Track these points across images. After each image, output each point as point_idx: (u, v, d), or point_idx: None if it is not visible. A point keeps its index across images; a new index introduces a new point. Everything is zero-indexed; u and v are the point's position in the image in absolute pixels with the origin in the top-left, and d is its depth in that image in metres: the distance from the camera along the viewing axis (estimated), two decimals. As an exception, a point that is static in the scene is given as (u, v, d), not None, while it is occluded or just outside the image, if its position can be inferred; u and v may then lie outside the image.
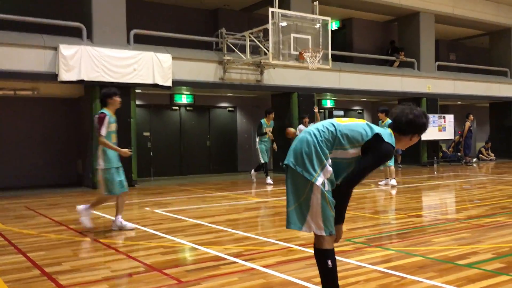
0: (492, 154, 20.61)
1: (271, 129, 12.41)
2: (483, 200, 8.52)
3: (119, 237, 5.86)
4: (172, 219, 7.08)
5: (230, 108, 16.74)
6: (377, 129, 3.02)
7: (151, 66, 12.05)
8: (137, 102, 13.51)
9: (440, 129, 17.97)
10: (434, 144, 18.31)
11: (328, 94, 16.79)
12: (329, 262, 3.02)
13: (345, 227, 6.25)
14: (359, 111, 19.73)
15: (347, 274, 4.02)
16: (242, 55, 13.04)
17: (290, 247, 5.06)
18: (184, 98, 15.40)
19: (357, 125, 3.04)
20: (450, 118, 18.40)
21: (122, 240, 5.65)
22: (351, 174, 3.00)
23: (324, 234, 2.99)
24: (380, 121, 11.32)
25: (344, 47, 18.32)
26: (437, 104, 18.27)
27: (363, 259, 4.50)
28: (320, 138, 2.95)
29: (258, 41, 12.70)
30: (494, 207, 7.67)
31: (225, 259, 4.64)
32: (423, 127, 3.10)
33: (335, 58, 14.88)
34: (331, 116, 20.48)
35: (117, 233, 6.07)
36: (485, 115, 22.00)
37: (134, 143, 12.28)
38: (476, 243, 5.15)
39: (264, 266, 4.32)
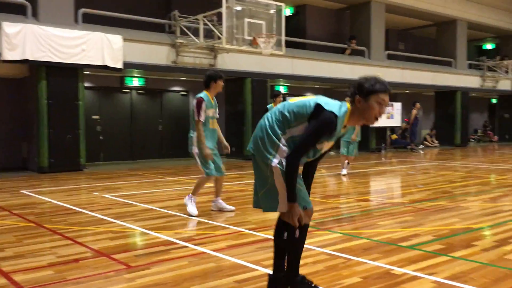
0: (436, 141, 21.50)
1: None
2: (426, 185, 8.89)
3: (65, 222, 5.71)
4: (122, 204, 6.97)
5: (183, 92, 16.53)
6: (321, 100, 2.94)
7: (100, 47, 11.69)
8: (86, 84, 13.09)
9: (388, 116, 18.51)
10: (382, 131, 18.87)
11: (281, 80, 16.89)
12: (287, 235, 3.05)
13: (295, 211, 6.37)
14: (312, 97, 19.99)
15: (296, 256, 4.10)
16: (196, 39, 12.88)
17: (241, 231, 5.11)
18: (135, 81, 15.05)
19: (304, 100, 2.99)
20: (398, 106, 18.98)
21: (69, 226, 5.51)
22: (293, 147, 2.91)
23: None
24: None
25: (297, 33, 18.43)
26: (386, 92, 18.78)
27: (312, 242, 4.60)
28: (271, 120, 2.99)
29: (212, 25, 12.57)
30: (436, 192, 8.02)
31: (175, 243, 4.62)
32: (376, 85, 2.90)
33: (288, 44, 14.95)
34: (283, 102, 20.62)
35: (63, 219, 5.92)
36: (431, 104, 22.85)
37: (83, 127, 11.93)
38: (419, 225, 5.38)
39: (214, 250, 4.34)
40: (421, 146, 20.05)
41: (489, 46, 27.44)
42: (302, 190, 3.01)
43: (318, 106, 2.88)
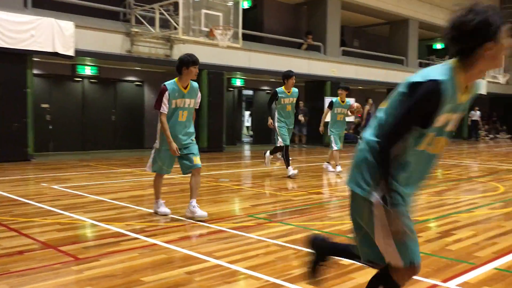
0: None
1: (293, 99, 9.06)
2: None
3: (11, 214, 5.51)
4: (71, 195, 6.79)
5: (137, 82, 16.23)
6: (412, 78, 2.26)
7: (51, 33, 11.27)
8: (35, 71, 12.61)
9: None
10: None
11: (238, 73, 16.89)
12: None
13: (248, 203, 6.43)
14: (268, 91, 20.11)
15: (248, 248, 4.15)
16: (151, 28, 12.66)
17: (194, 223, 5.10)
18: (87, 70, 14.63)
19: (392, 95, 2.37)
20: (352, 101, 19.36)
21: (14, 217, 5.32)
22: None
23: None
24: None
25: (255, 27, 18.45)
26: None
27: (264, 233, 4.66)
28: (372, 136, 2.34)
29: (168, 14, 12.37)
30: (385, 185, 8.26)
31: (126, 235, 4.56)
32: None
33: (245, 37, 14.95)
34: (239, 95, 20.67)
35: (8, 210, 5.70)
36: (383, 100, 23.46)
37: (31, 115, 11.51)
38: (368, 218, 5.53)
39: (166, 242, 4.31)
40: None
41: (438, 45, 28.45)
42: (413, 238, 2.21)
43: (413, 85, 2.18)
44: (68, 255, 3.90)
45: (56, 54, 11.44)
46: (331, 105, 10.58)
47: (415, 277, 3.44)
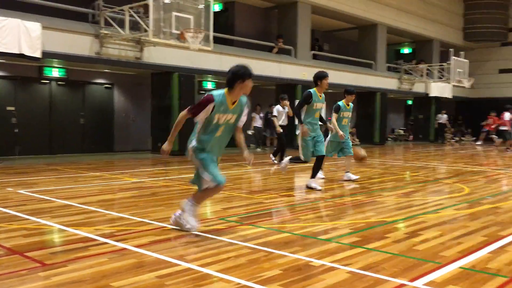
0: (358, 140, 22.47)
1: (323, 105, 8.39)
2: (346, 181, 9.27)
3: (-25, 219, 5.34)
4: (38, 200, 6.63)
5: (107, 85, 16.01)
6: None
7: (17, 34, 11.00)
8: (0, 73, 12.30)
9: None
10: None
11: (209, 76, 16.86)
12: None
13: (220, 206, 6.43)
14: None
15: (219, 251, 4.14)
16: (121, 30, 12.51)
17: (165, 227, 5.06)
18: (55, 72, 14.36)
19: None
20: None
21: (-21, 223, 5.17)
22: None
23: None
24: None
25: (226, 30, 18.47)
26: (311, 91, 19.33)
27: (235, 236, 4.66)
28: None
29: (139, 16, 12.27)
30: (355, 187, 8.40)
31: (95, 240, 4.49)
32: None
33: (217, 40, 14.94)
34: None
35: (-27, 216, 5.53)
36: (353, 103, 23.78)
37: (-4, 118, 11.21)
38: (337, 219, 5.62)
39: (136, 246, 4.27)
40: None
41: (406, 50, 29.10)
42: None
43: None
44: (34, 261, 3.81)
45: (22, 56, 11.17)
46: (337, 109, 9.75)
47: (383, 277, 3.52)
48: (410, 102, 28.73)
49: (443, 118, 25.90)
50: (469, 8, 28.03)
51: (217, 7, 18.95)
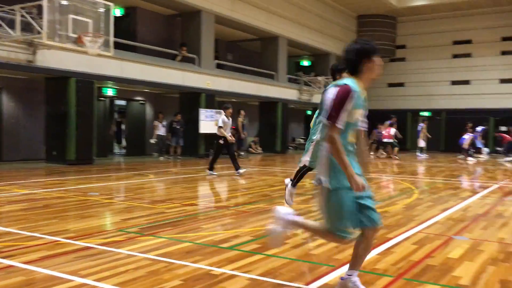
0: (260, 148, 22.97)
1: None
2: (248, 189, 9.45)
3: None
4: None
5: (-6, 89, 14.78)
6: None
7: None
8: None
9: (216, 123, 19.11)
10: (210, 138, 19.42)
11: (110, 82, 16.27)
12: None
13: (119, 217, 6.22)
14: (141, 101, 19.66)
15: (117, 264, 4.01)
16: (11, 31, 11.65)
17: (58, 241, 4.78)
18: None
19: None
20: (226, 113, 19.76)
21: None
22: None
23: None
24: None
25: (128, 35, 17.98)
26: (215, 100, 19.45)
27: (135, 248, 4.54)
28: None
29: (31, 17, 11.52)
30: (257, 195, 8.58)
31: (-23, 258, 4.11)
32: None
33: (118, 46, 14.51)
34: (111, 104, 19.92)
35: None
36: (255, 113, 24.36)
37: None
38: (239, 227, 5.70)
39: (25, 263, 3.98)
40: (242, 154, 21.09)
41: (305, 63, 30.41)
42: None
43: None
44: None
45: None
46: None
47: (281, 281, 3.63)
48: (309, 112, 30.00)
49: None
50: (362, 25, 30.04)
51: (118, 12, 18.39)
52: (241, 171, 11.60)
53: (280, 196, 8.47)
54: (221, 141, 11.55)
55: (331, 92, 3.21)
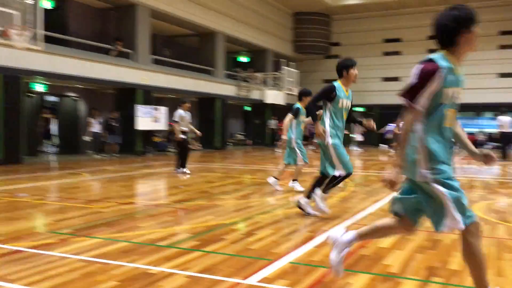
0: (199, 144, 22.83)
1: (349, 103, 6.25)
2: (187, 186, 9.38)
3: None
4: None
5: None
6: None
7: None
8: None
9: (154, 120, 18.83)
10: (147, 134, 19.08)
11: (39, 77, 15.53)
12: None
13: (51, 218, 5.99)
14: (75, 98, 18.93)
15: (49, 267, 3.85)
16: None
17: (-17, 246, 4.52)
18: None
19: None
20: (163, 110, 19.49)
21: None
22: None
23: None
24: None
25: (59, 29, 17.22)
26: (152, 96, 19.09)
27: (68, 249, 4.39)
28: None
29: (-50, 8, 10.77)
30: (196, 192, 8.53)
31: None
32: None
33: (48, 39, 13.88)
34: (41, 101, 19.03)
35: None
36: (194, 109, 24.14)
37: None
38: (177, 225, 5.65)
39: None
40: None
41: (244, 59, 30.52)
42: None
43: None
44: None
45: None
46: (296, 112, 8.48)
47: (219, 277, 3.65)
48: (248, 108, 30.18)
49: (272, 123, 27.77)
50: (298, 22, 30.57)
51: (48, 4, 17.56)
52: (185, 170, 11.40)
53: (220, 192, 8.47)
54: (182, 136, 11.35)
55: (415, 68, 2.85)
